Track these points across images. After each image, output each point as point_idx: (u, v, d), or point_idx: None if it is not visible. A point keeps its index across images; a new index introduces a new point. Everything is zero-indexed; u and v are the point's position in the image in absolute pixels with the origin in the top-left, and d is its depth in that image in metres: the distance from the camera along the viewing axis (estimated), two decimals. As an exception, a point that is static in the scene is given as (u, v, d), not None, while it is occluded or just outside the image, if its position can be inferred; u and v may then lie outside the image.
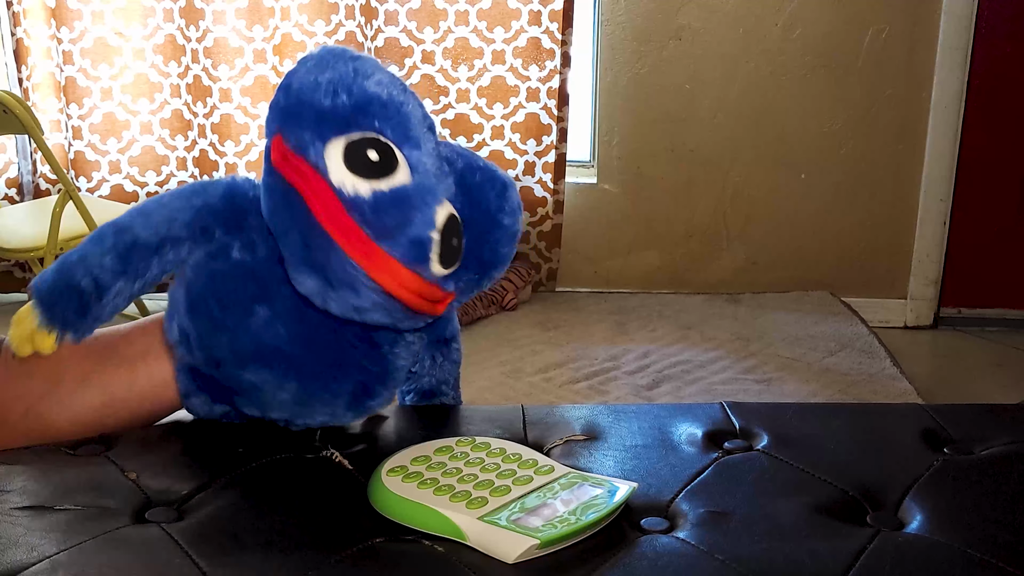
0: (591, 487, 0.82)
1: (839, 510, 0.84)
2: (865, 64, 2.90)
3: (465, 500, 0.79)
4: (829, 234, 3.05)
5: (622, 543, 0.79)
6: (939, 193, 2.94)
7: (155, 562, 0.75)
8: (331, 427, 0.97)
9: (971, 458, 0.93)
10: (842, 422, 1.03)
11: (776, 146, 3.01)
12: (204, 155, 2.96)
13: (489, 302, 2.83)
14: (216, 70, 2.87)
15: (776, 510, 0.84)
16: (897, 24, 2.88)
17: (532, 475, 0.84)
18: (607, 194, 3.09)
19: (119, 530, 0.79)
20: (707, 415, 1.02)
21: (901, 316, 3.07)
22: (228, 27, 2.86)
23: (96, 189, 2.99)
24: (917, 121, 2.93)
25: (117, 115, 2.96)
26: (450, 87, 2.91)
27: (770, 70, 2.92)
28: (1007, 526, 0.83)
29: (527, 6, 2.84)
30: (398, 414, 1.03)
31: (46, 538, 0.77)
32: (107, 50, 2.92)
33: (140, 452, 0.92)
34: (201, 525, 0.80)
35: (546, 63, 2.88)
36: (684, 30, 2.91)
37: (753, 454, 0.93)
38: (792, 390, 2.34)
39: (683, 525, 0.82)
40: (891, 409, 1.06)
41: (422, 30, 2.86)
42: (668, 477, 0.89)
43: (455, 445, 0.88)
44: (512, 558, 0.75)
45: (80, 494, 0.84)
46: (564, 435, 0.97)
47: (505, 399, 2.28)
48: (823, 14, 2.88)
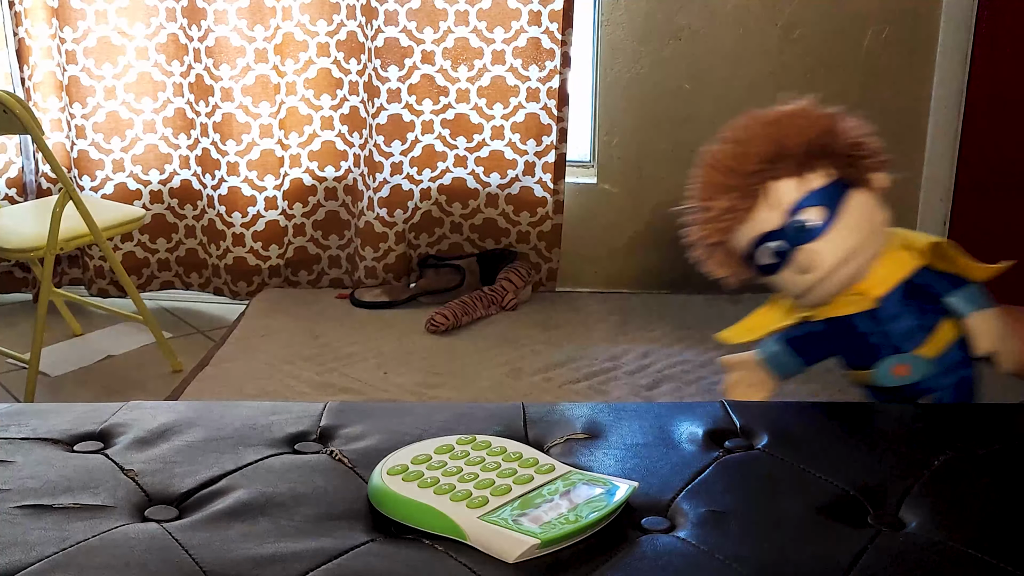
0: (592, 486, 0.82)
1: (839, 510, 0.84)
2: (865, 64, 2.90)
3: (465, 499, 0.79)
4: (830, 234, 3.06)
5: (623, 543, 0.78)
6: (939, 193, 2.94)
7: (155, 561, 0.75)
8: (331, 425, 0.97)
9: (971, 458, 0.93)
10: (842, 422, 1.02)
11: (777, 146, 3.02)
12: (206, 154, 2.95)
13: (489, 302, 2.83)
14: (218, 69, 2.87)
15: (776, 510, 0.84)
16: (897, 24, 2.87)
17: (533, 474, 0.84)
18: (607, 194, 3.08)
19: (118, 529, 0.79)
20: (708, 414, 1.02)
21: (902, 316, 3.08)
22: (230, 27, 2.86)
23: (100, 188, 2.99)
24: (917, 121, 2.93)
25: (120, 114, 2.95)
26: (450, 87, 2.91)
27: (770, 70, 2.92)
28: (1007, 526, 0.83)
29: (527, 6, 2.84)
30: (397, 411, 1.02)
31: (45, 537, 0.77)
32: (110, 49, 2.92)
33: (139, 450, 0.92)
34: (201, 524, 0.80)
35: (546, 63, 2.88)
36: (684, 30, 2.90)
37: (754, 453, 0.93)
38: (792, 390, 2.33)
39: (684, 525, 0.82)
40: (891, 409, 1.06)
41: (422, 30, 2.86)
42: (669, 476, 0.89)
43: (456, 444, 0.88)
44: (512, 558, 0.75)
45: (79, 492, 0.83)
46: (565, 434, 0.97)
47: (505, 399, 2.28)
48: (823, 14, 2.88)
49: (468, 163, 2.99)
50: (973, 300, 1.01)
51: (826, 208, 0.99)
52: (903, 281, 1.03)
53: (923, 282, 1.03)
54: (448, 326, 2.72)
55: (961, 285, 1.02)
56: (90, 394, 2.45)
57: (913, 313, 1.02)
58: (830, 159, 0.99)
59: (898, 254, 1.04)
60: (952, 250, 1.05)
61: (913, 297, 1.02)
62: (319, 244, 3.08)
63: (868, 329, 1.03)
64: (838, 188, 1.01)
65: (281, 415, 0.98)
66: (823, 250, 0.99)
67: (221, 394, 2.33)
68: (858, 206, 1.01)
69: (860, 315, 1.03)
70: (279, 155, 2.97)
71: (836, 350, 1.09)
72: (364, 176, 2.97)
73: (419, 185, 3.00)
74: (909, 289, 1.03)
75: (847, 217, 1.00)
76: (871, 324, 1.02)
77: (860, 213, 1.01)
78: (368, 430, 0.96)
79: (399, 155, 2.95)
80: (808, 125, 0.99)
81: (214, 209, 3.02)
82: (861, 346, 1.04)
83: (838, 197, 1.00)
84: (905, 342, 1.02)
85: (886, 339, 1.02)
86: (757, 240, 1.01)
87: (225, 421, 0.97)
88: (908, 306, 1.02)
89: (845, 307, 1.03)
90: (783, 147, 0.98)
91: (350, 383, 2.42)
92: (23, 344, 2.54)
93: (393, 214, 2.99)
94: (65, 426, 0.96)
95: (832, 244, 0.99)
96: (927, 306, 1.03)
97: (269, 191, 3.00)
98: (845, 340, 1.05)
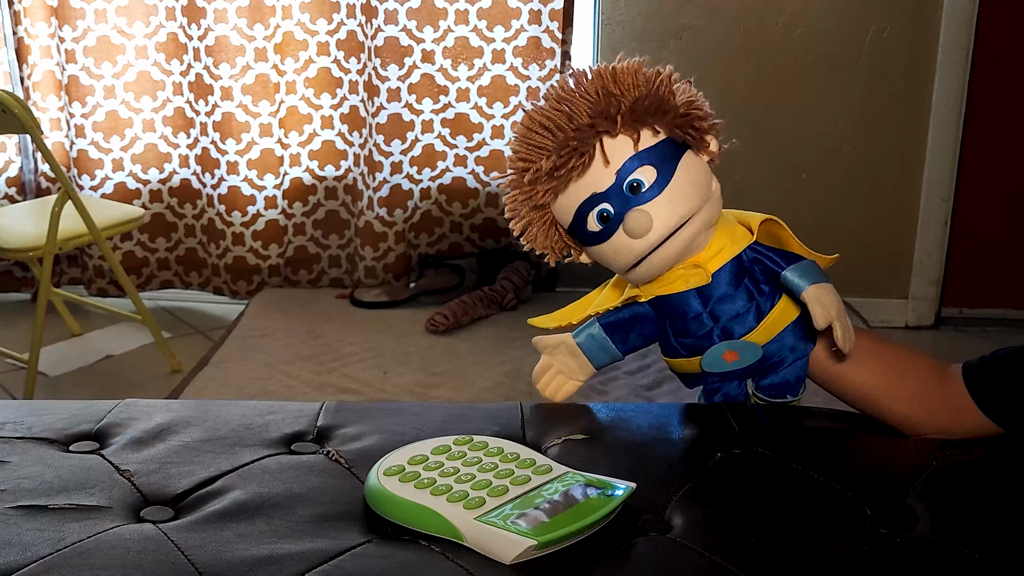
0: (589, 487, 0.82)
1: (839, 510, 0.84)
2: (866, 63, 2.90)
3: (462, 500, 0.79)
4: (830, 234, 3.04)
5: (620, 544, 0.78)
6: (940, 193, 2.94)
7: (150, 562, 0.74)
8: (328, 425, 0.97)
9: (971, 458, 0.92)
10: (842, 422, 1.02)
11: (777, 146, 3.00)
12: (206, 153, 2.95)
13: (489, 302, 2.82)
14: (217, 68, 2.87)
15: (776, 510, 0.84)
16: (898, 23, 2.87)
17: (530, 475, 0.83)
18: (608, 194, 3.09)
19: (114, 530, 0.78)
20: (706, 415, 1.02)
21: (902, 316, 3.07)
22: (229, 25, 2.86)
23: (99, 187, 2.99)
24: (918, 120, 2.92)
25: (120, 113, 2.95)
26: (450, 86, 2.91)
27: (771, 70, 2.92)
28: (1006, 526, 0.82)
29: (527, 5, 2.84)
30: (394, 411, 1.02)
31: (40, 538, 0.77)
32: (110, 48, 2.92)
33: (135, 450, 0.91)
34: (197, 524, 0.80)
35: (546, 62, 2.88)
36: (685, 30, 2.90)
37: (753, 454, 0.93)
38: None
39: (682, 525, 0.81)
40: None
41: (422, 29, 2.86)
42: (667, 477, 0.88)
43: (453, 444, 0.88)
44: (509, 559, 0.74)
45: (74, 493, 0.83)
46: (562, 434, 0.96)
47: (505, 399, 2.27)
48: (824, 13, 2.88)
49: (468, 162, 2.98)
50: (810, 274, 0.96)
51: (657, 168, 0.92)
52: (735, 257, 0.97)
53: (756, 256, 0.97)
54: (448, 326, 2.71)
55: (796, 261, 0.97)
56: (89, 394, 2.45)
57: (744, 293, 0.97)
58: (662, 116, 0.93)
59: (732, 228, 0.98)
60: (783, 230, 1.00)
61: (745, 275, 0.97)
62: (319, 243, 3.08)
63: (698, 309, 0.97)
64: (670, 148, 0.94)
65: (278, 415, 0.98)
66: (655, 212, 0.92)
67: (220, 394, 2.32)
68: (691, 168, 0.94)
69: (691, 293, 0.96)
70: (279, 154, 2.96)
71: (659, 335, 1.01)
72: (364, 175, 2.97)
73: (419, 184, 3.00)
74: (742, 266, 0.97)
75: (680, 178, 0.93)
76: (701, 304, 0.97)
77: (694, 176, 0.94)
78: (365, 430, 0.95)
79: (399, 154, 2.95)
80: (638, 81, 0.94)
81: (214, 208, 3.01)
82: (691, 328, 0.98)
83: (670, 158, 0.93)
84: (737, 325, 0.96)
85: (715, 321, 0.97)
86: (584, 204, 0.94)
87: (221, 421, 0.96)
88: (740, 285, 0.97)
89: (679, 283, 0.96)
90: (611, 103, 0.92)
91: (350, 383, 2.41)
92: (22, 344, 2.53)
93: (393, 214, 2.98)
94: (61, 425, 0.95)
95: (666, 206, 0.92)
96: (765, 287, 0.97)
97: (269, 190, 2.99)
98: (674, 323, 0.98)
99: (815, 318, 0.92)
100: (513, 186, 0.99)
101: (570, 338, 1.04)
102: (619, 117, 0.91)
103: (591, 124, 0.92)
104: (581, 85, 0.94)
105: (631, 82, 0.93)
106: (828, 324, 0.92)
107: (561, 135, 0.93)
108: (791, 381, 1.01)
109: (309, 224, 3.06)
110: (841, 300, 0.95)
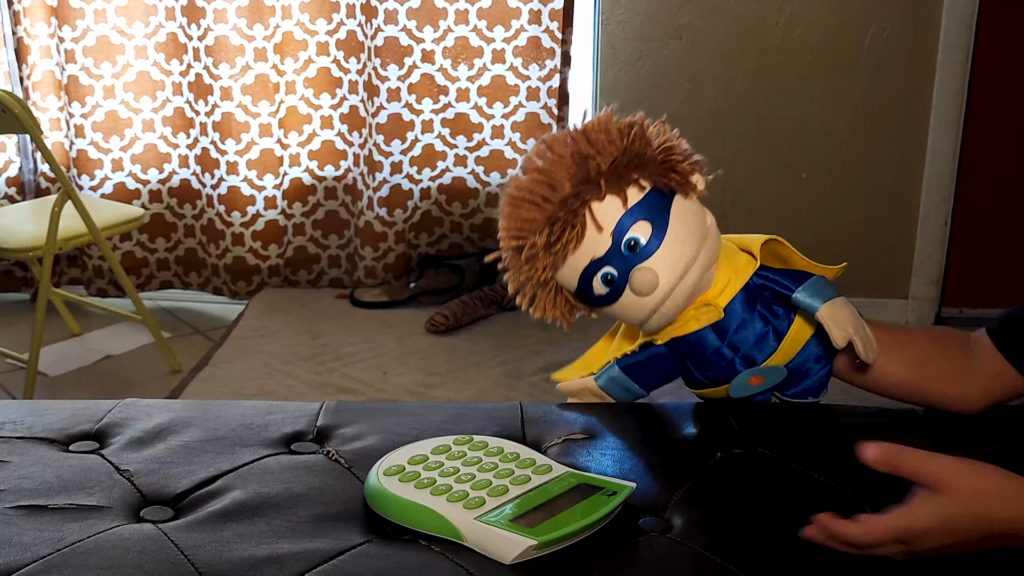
0: (589, 487, 0.82)
1: (839, 510, 0.84)
2: (866, 63, 2.89)
3: (462, 500, 0.79)
4: (830, 233, 3.04)
5: (620, 544, 0.78)
6: (941, 192, 2.93)
7: (150, 562, 0.74)
8: (328, 425, 0.97)
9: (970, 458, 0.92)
10: (842, 422, 1.02)
11: (777, 145, 3.00)
12: (206, 153, 2.95)
13: (489, 302, 2.82)
14: (217, 68, 2.87)
15: (776, 510, 0.84)
16: (898, 23, 2.87)
17: (530, 475, 0.83)
18: (608, 193, 3.09)
19: (114, 529, 0.78)
20: (706, 415, 1.02)
21: (902, 316, 3.06)
22: (229, 25, 2.86)
23: (99, 187, 2.99)
24: (918, 120, 2.92)
25: (120, 113, 2.95)
26: (450, 86, 2.90)
27: (771, 69, 2.92)
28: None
29: (527, 5, 2.84)
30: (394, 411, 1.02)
31: (40, 538, 0.77)
32: (109, 48, 2.91)
33: (135, 450, 0.91)
34: (197, 524, 0.80)
35: (546, 62, 2.88)
36: (685, 29, 2.90)
37: (752, 454, 0.93)
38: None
39: (682, 525, 0.81)
40: (891, 410, 1.06)
41: (422, 29, 2.86)
42: (667, 477, 0.88)
43: (453, 444, 0.87)
44: (509, 559, 0.74)
45: (74, 493, 0.83)
46: (563, 434, 0.96)
47: (505, 399, 2.27)
48: (824, 13, 2.88)
49: (468, 162, 2.98)
50: (820, 292, 0.95)
51: (651, 222, 0.92)
52: (744, 287, 0.97)
53: (765, 282, 0.97)
54: (448, 326, 2.71)
55: (804, 280, 0.97)
56: (89, 394, 2.45)
57: (759, 319, 0.97)
58: (643, 169, 0.92)
59: (735, 258, 0.98)
60: (786, 248, 1.00)
61: (757, 301, 0.97)
62: (319, 244, 3.08)
63: (716, 344, 0.97)
64: (658, 198, 0.93)
65: (277, 415, 0.98)
66: (659, 266, 0.92)
67: (220, 394, 2.32)
68: (684, 212, 0.94)
69: (706, 329, 0.97)
70: (278, 154, 2.96)
71: (681, 372, 1.02)
72: (364, 175, 2.97)
73: (419, 184, 3.00)
74: (752, 293, 0.97)
75: (676, 226, 0.92)
76: (718, 338, 0.97)
77: (688, 220, 0.94)
78: (365, 430, 0.95)
79: (399, 154, 2.95)
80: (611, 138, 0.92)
81: (213, 208, 3.01)
82: (712, 362, 0.98)
83: (661, 207, 0.93)
84: (757, 352, 0.96)
85: (736, 352, 0.97)
86: (586, 270, 0.94)
87: (221, 421, 0.96)
88: (753, 312, 0.96)
89: (693, 323, 0.97)
90: (589, 166, 0.91)
91: (349, 383, 2.41)
92: (22, 344, 2.53)
93: (393, 214, 2.98)
94: (60, 425, 0.95)
95: (667, 258, 0.92)
96: (778, 309, 0.97)
97: (268, 190, 2.99)
98: (694, 359, 0.99)
99: (833, 339, 0.92)
100: (511, 263, 0.97)
101: (592, 382, 1.05)
102: (602, 181, 0.91)
103: (576, 193, 0.91)
104: (555, 152, 0.93)
105: (604, 140, 0.92)
106: (847, 342, 0.92)
107: (549, 207, 0.92)
108: (815, 387, 1.03)
109: (309, 224, 3.06)
110: (856, 311, 0.95)
